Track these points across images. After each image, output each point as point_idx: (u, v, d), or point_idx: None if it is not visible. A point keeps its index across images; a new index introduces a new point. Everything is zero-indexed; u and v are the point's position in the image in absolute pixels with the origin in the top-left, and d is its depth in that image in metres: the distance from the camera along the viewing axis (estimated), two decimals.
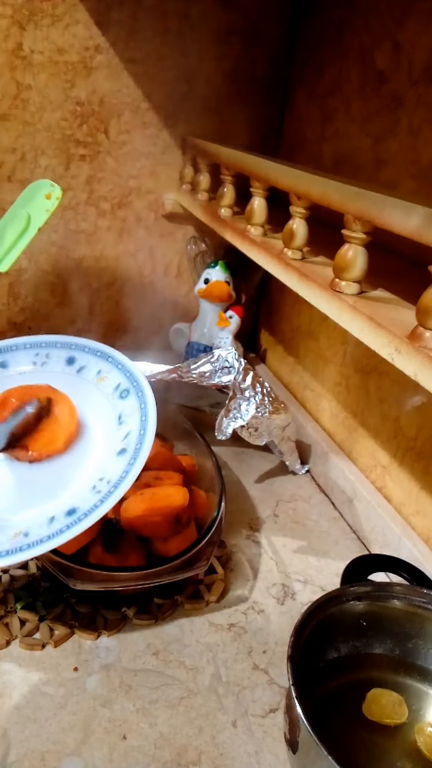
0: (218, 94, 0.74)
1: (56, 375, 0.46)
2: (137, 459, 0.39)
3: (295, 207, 0.44)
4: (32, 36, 0.66)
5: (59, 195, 0.46)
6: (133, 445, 0.40)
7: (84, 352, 0.47)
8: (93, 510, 0.37)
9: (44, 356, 0.47)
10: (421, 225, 0.31)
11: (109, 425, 0.43)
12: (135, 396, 0.43)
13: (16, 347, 0.48)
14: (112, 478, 0.38)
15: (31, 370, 0.47)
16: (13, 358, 0.47)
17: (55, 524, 0.37)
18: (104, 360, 0.46)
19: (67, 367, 0.47)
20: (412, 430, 0.53)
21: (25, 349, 0.48)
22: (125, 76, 0.70)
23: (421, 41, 0.50)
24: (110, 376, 0.45)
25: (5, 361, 0.47)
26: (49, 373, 0.47)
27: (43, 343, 0.48)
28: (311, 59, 0.69)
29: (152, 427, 0.40)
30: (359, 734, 0.36)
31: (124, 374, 0.45)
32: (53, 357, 0.47)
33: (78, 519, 0.36)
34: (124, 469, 0.39)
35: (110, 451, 0.41)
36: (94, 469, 0.41)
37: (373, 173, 0.57)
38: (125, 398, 0.44)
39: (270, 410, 0.59)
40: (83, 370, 0.46)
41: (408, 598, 0.40)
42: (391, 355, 0.34)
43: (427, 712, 0.38)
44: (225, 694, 0.42)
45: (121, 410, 0.43)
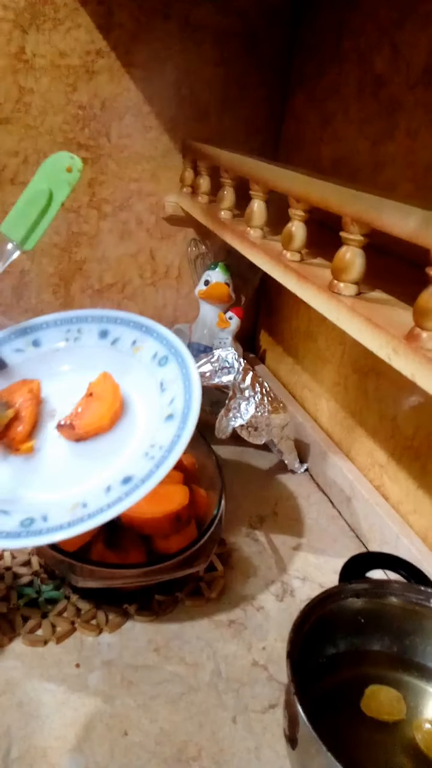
0: (218, 97, 0.74)
1: (90, 349, 0.46)
2: (187, 423, 0.38)
3: (294, 209, 0.44)
4: (34, 40, 0.66)
5: (80, 167, 0.44)
6: (180, 410, 0.39)
7: (116, 323, 0.46)
8: (150, 476, 0.36)
9: (76, 331, 0.47)
10: (418, 227, 0.32)
11: (152, 394, 0.42)
12: (175, 361, 0.42)
13: (47, 325, 0.47)
14: (163, 443, 0.38)
15: (65, 347, 0.46)
16: (45, 335, 0.47)
17: (112, 493, 0.36)
18: (138, 330, 0.45)
19: (101, 341, 0.46)
20: (409, 430, 0.54)
21: (56, 326, 0.47)
22: (126, 80, 0.71)
23: (419, 45, 0.50)
24: (146, 345, 0.44)
25: (38, 339, 0.47)
26: (83, 347, 0.46)
27: (73, 318, 0.47)
28: (310, 63, 0.70)
29: (197, 389, 0.40)
30: (358, 730, 0.37)
31: (160, 342, 0.44)
32: (85, 332, 0.46)
33: (135, 486, 0.36)
34: (174, 433, 0.38)
35: (157, 419, 0.40)
36: (143, 437, 0.40)
37: (372, 176, 0.57)
38: (164, 365, 0.43)
39: (269, 410, 0.60)
40: (118, 342, 0.45)
41: (405, 595, 0.40)
42: (388, 355, 0.34)
43: (425, 709, 0.38)
44: (225, 690, 0.42)
45: (161, 377, 0.42)
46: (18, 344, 0.47)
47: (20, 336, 0.47)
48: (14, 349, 0.47)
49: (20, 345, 0.47)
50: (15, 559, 0.50)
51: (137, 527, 0.46)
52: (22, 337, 0.47)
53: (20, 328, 0.47)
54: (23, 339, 0.47)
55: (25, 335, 0.47)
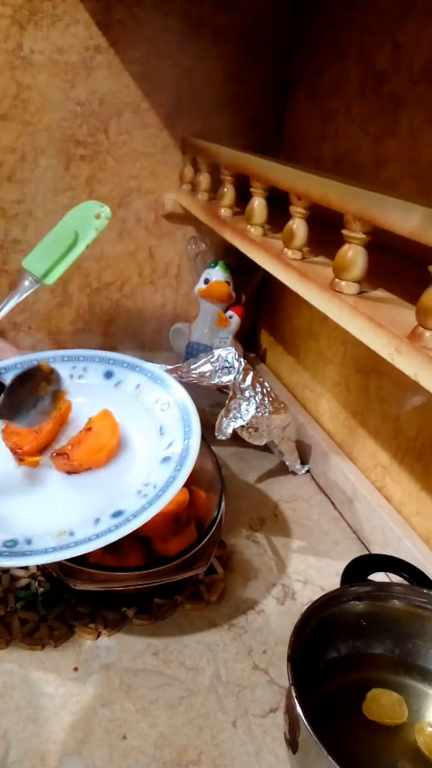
0: (218, 94, 0.74)
1: (94, 388, 0.47)
2: (183, 466, 0.39)
3: (295, 207, 0.44)
4: (32, 36, 0.66)
5: (109, 215, 0.46)
6: (177, 454, 0.40)
7: (122, 366, 0.47)
8: (141, 512, 0.37)
9: (81, 369, 0.48)
10: (420, 225, 0.31)
11: (151, 436, 0.43)
12: (176, 408, 0.44)
13: (54, 359, 0.48)
14: (158, 483, 0.39)
15: (68, 383, 0.46)
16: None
17: (101, 525, 0.37)
18: (142, 375, 0.46)
19: (105, 381, 0.47)
20: (412, 430, 0.53)
21: (62, 362, 0.48)
22: (125, 77, 0.70)
23: (420, 41, 0.50)
24: (149, 390, 0.46)
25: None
26: (87, 386, 0.47)
27: (80, 357, 0.48)
28: (311, 59, 0.69)
29: (197, 436, 0.41)
30: (359, 734, 0.36)
31: (163, 388, 0.45)
32: (90, 371, 0.48)
33: (126, 520, 0.37)
34: (170, 475, 0.39)
35: (154, 460, 0.41)
36: (138, 476, 0.41)
37: (373, 173, 0.57)
38: (166, 411, 0.44)
39: (270, 410, 0.59)
40: (121, 384, 0.47)
41: (408, 598, 0.40)
42: (391, 355, 0.34)
43: (427, 712, 0.38)
44: (225, 694, 0.42)
45: (162, 422, 0.44)
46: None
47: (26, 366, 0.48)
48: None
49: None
50: None
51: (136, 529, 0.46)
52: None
53: (26, 359, 0.48)
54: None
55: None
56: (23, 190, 0.72)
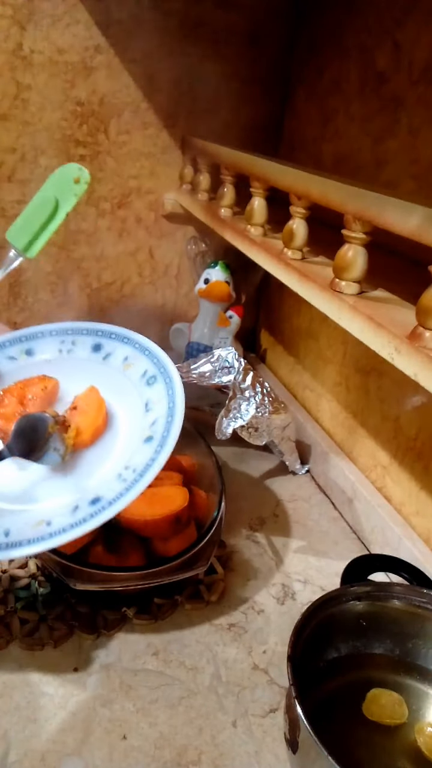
0: (218, 94, 0.74)
1: (82, 362, 0.46)
2: (164, 446, 0.38)
3: (295, 207, 0.44)
4: (32, 36, 0.66)
5: (87, 179, 0.45)
6: (160, 432, 0.39)
7: (110, 338, 0.46)
8: (117, 499, 0.36)
9: (70, 343, 0.47)
10: (420, 225, 0.31)
11: (136, 413, 0.42)
12: (162, 382, 0.42)
13: (42, 334, 0.47)
14: (138, 466, 0.38)
15: (56, 358, 0.46)
16: (38, 345, 0.47)
17: (78, 513, 0.36)
18: (131, 346, 0.45)
19: (93, 354, 0.46)
20: (412, 430, 0.53)
21: (51, 336, 0.47)
22: (125, 76, 0.70)
23: (420, 41, 0.50)
24: (137, 362, 0.44)
25: (31, 348, 0.47)
26: (74, 360, 0.46)
27: (69, 330, 0.47)
28: (311, 59, 0.69)
29: (180, 412, 0.39)
30: (359, 734, 0.36)
31: (151, 360, 0.44)
32: (79, 344, 0.47)
33: (102, 508, 0.36)
34: (150, 456, 0.38)
35: (137, 439, 0.40)
36: (120, 457, 0.40)
37: (373, 173, 0.57)
38: (152, 385, 0.43)
39: (270, 410, 0.59)
40: (109, 357, 0.46)
41: (408, 598, 0.40)
42: (391, 355, 0.34)
43: (427, 712, 0.38)
44: (225, 694, 0.42)
45: (148, 397, 0.42)
46: (11, 352, 0.47)
47: (14, 344, 0.47)
48: (7, 357, 0.47)
49: (13, 353, 0.47)
50: (12, 562, 0.50)
51: (136, 529, 0.46)
52: (16, 345, 0.47)
53: (15, 336, 0.47)
54: (17, 347, 0.47)
55: (20, 343, 0.47)
56: (23, 190, 0.72)
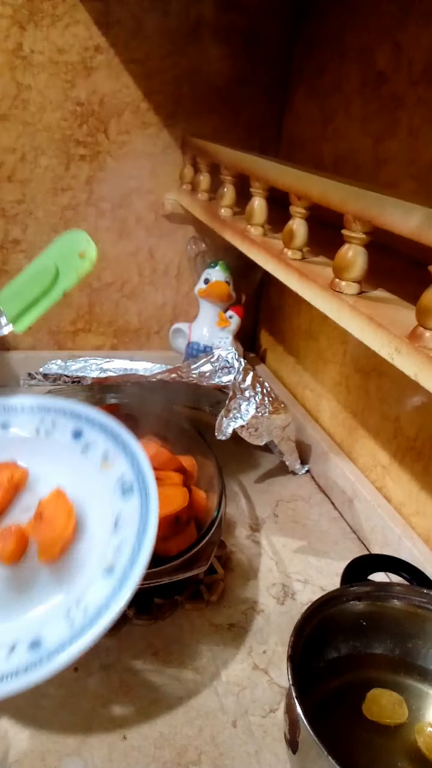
0: (218, 94, 0.74)
1: (59, 449, 0.41)
2: (124, 585, 0.32)
3: (295, 207, 0.44)
4: (32, 36, 0.66)
5: (93, 258, 0.41)
6: (122, 564, 0.33)
7: (93, 426, 0.41)
8: (58, 650, 0.31)
9: (50, 423, 0.42)
10: (421, 225, 0.31)
11: (103, 527, 0.36)
12: (137, 497, 0.37)
13: (22, 409, 0.43)
14: (90, 605, 0.32)
15: (32, 438, 0.41)
16: (16, 419, 0.42)
17: (13, 658, 0.31)
18: (113, 440, 0.40)
19: (73, 442, 0.41)
20: (412, 430, 0.53)
21: (30, 413, 0.43)
22: (125, 76, 0.70)
23: (421, 41, 0.50)
24: (117, 462, 0.39)
25: (6, 421, 0.42)
26: (51, 444, 0.41)
27: (51, 408, 0.43)
28: (311, 59, 0.69)
29: (149, 541, 0.34)
30: (359, 734, 0.36)
31: (131, 464, 0.39)
32: (59, 426, 0.42)
33: (39, 659, 0.31)
34: (106, 595, 0.32)
35: (96, 565, 0.35)
36: (75, 584, 0.35)
37: (373, 173, 0.57)
38: (127, 497, 0.37)
39: (270, 410, 0.59)
40: (89, 449, 0.40)
41: (408, 598, 0.40)
42: (391, 355, 0.34)
43: (427, 712, 0.38)
44: (225, 694, 0.42)
45: (119, 511, 0.37)
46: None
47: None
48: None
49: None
50: None
51: None
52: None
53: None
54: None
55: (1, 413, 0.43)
56: (23, 190, 0.72)
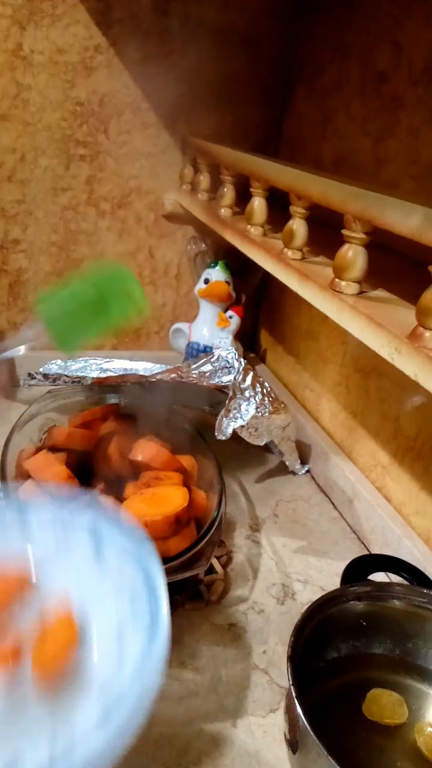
0: (218, 94, 0.74)
1: (72, 554, 0.36)
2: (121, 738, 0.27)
3: (295, 207, 0.44)
4: (32, 36, 0.66)
5: (144, 309, 0.39)
6: (118, 717, 0.27)
7: (112, 535, 0.35)
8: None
9: (63, 534, 0.37)
10: (420, 225, 0.31)
11: (107, 661, 0.31)
12: (147, 637, 0.30)
13: (40, 511, 0.37)
14: (77, 761, 0.27)
15: (48, 548, 0.36)
16: (33, 516, 0.37)
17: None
18: (137, 569, 0.33)
19: (90, 554, 0.36)
20: (412, 430, 0.53)
21: (49, 517, 0.37)
22: (125, 77, 0.70)
23: (421, 41, 0.50)
24: (128, 569, 0.34)
25: (24, 520, 0.37)
26: (65, 551, 0.36)
27: (67, 519, 0.37)
28: (311, 59, 0.69)
29: (149, 696, 0.28)
30: (359, 734, 0.36)
31: (149, 603, 0.31)
32: (76, 535, 0.36)
33: None
34: (98, 747, 0.27)
35: (91, 712, 0.29)
36: (64, 728, 0.29)
37: (374, 173, 0.57)
38: (134, 637, 0.31)
39: (270, 410, 0.59)
40: (104, 562, 0.35)
41: (408, 598, 0.40)
42: (391, 355, 0.34)
43: (427, 712, 0.38)
44: (225, 694, 0.42)
45: (125, 649, 0.31)
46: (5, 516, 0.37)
47: (10, 509, 0.37)
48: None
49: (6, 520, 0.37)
50: None
51: None
52: (11, 511, 0.37)
53: (15, 503, 0.38)
54: (10, 513, 0.37)
55: (16, 511, 0.37)
56: (23, 190, 0.72)
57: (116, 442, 0.55)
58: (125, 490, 0.51)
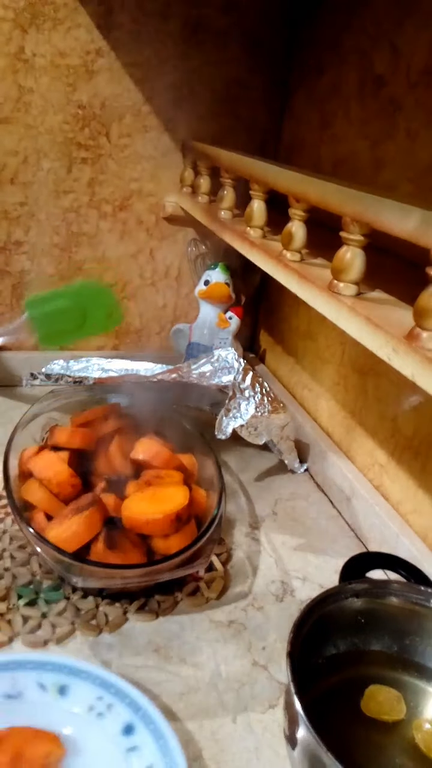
0: (218, 97, 0.74)
1: (104, 738, 0.35)
2: None
3: (294, 209, 0.44)
4: (34, 39, 0.66)
5: (119, 323, 0.44)
6: None
7: (147, 726, 0.35)
8: None
9: (106, 706, 0.37)
10: (418, 227, 0.32)
11: None
12: None
13: (86, 675, 0.38)
14: None
15: (81, 713, 0.36)
16: (76, 688, 0.38)
17: None
18: (161, 753, 0.34)
19: (120, 737, 0.35)
20: (409, 430, 0.54)
21: (93, 684, 0.37)
22: (126, 80, 0.71)
23: (419, 45, 0.50)
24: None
25: (66, 685, 0.38)
26: (97, 729, 0.36)
27: (112, 687, 0.37)
28: (310, 63, 0.70)
29: None
30: (358, 730, 0.37)
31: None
32: (114, 712, 0.37)
33: None
34: None
35: None
36: None
37: (372, 176, 0.57)
38: None
39: (269, 410, 0.59)
40: (132, 754, 0.35)
41: (405, 595, 0.40)
42: (388, 355, 0.34)
43: (425, 709, 0.38)
44: (225, 691, 0.42)
45: None
46: (45, 679, 0.38)
47: (54, 671, 0.38)
48: (37, 683, 0.38)
49: (46, 681, 0.38)
50: (14, 560, 0.50)
51: (137, 528, 0.46)
52: (55, 674, 0.38)
53: (59, 662, 0.39)
54: (54, 677, 0.38)
55: (59, 674, 0.39)
56: (25, 192, 0.73)
57: (118, 441, 0.56)
58: (126, 489, 0.52)
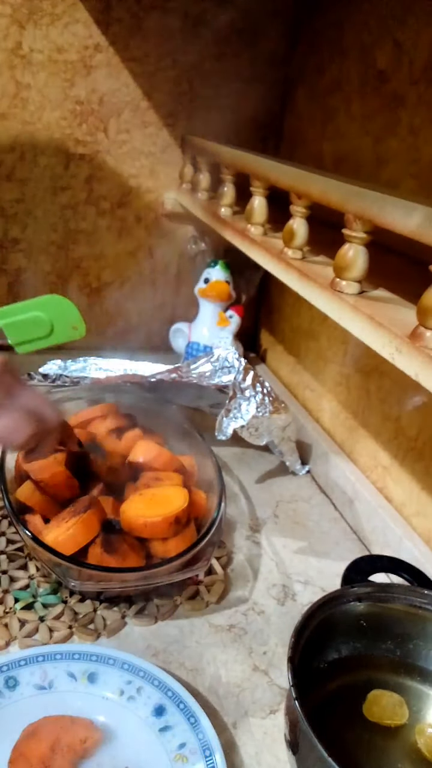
0: (218, 93, 0.74)
1: (136, 722, 0.38)
2: None
3: (296, 206, 0.44)
4: (32, 35, 0.66)
5: (83, 334, 0.50)
6: None
7: (178, 709, 0.38)
8: None
9: (135, 689, 0.39)
10: (421, 224, 0.31)
11: None
12: None
13: (114, 661, 0.40)
14: None
15: (113, 699, 0.39)
16: (104, 675, 0.40)
17: None
18: (195, 732, 0.37)
19: (153, 718, 0.38)
20: (413, 431, 0.53)
21: (120, 668, 0.40)
22: (125, 75, 0.70)
23: (421, 40, 0.50)
24: (193, 758, 0.36)
25: (95, 673, 0.40)
26: (129, 713, 0.38)
27: (140, 671, 0.40)
28: (312, 58, 0.69)
29: None
30: (360, 735, 0.36)
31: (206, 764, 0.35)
32: (144, 695, 0.39)
33: None
34: None
35: None
36: None
37: (374, 172, 0.57)
38: None
39: (270, 410, 0.59)
40: (166, 732, 0.37)
41: (408, 599, 0.40)
42: (391, 355, 0.34)
43: (428, 713, 0.38)
44: (225, 696, 0.41)
45: None
46: (74, 668, 0.40)
47: (81, 660, 0.40)
48: (66, 672, 0.39)
49: (75, 670, 0.40)
50: (12, 563, 0.49)
51: (136, 530, 0.46)
52: (82, 663, 0.40)
53: (85, 650, 0.41)
54: (81, 666, 0.40)
55: (87, 662, 0.40)
56: (22, 189, 0.72)
57: (116, 442, 0.55)
58: (125, 491, 0.51)
